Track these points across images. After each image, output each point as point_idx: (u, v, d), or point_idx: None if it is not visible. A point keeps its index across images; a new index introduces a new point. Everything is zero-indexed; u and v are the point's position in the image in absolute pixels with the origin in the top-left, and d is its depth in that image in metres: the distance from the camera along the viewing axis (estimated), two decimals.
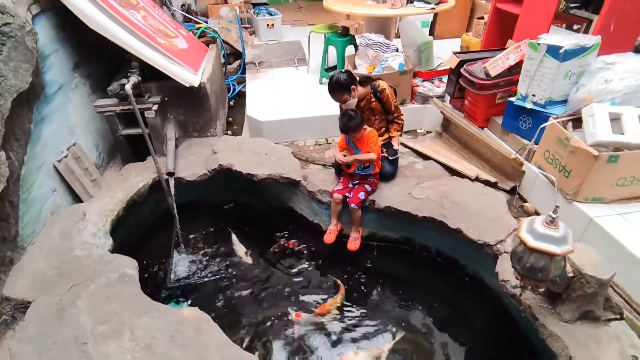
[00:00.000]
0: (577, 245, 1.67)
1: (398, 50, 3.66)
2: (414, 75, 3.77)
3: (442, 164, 3.09)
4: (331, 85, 2.65)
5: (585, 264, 1.73)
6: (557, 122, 2.51)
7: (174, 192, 2.97)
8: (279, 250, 3.00)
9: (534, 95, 2.75)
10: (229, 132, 4.06)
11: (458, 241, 2.56)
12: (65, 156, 2.66)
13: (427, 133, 3.81)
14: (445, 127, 3.62)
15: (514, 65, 2.96)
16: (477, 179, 2.86)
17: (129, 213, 2.83)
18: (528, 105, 2.78)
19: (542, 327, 1.86)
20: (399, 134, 2.96)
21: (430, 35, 4.93)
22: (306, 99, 4.03)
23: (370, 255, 2.94)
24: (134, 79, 2.83)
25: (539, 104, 2.73)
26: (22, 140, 2.30)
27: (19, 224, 2.23)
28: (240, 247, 3.02)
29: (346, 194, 2.74)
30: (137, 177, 2.98)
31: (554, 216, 1.54)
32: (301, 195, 3.09)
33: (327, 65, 4.33)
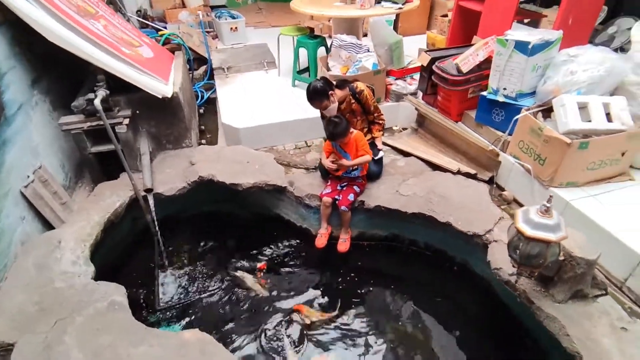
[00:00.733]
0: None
1: (369, 50, 3.71)
2: (387, 74, 3.83)
3: (423, 160, 3.16)
4: (309, 93, 2.66)
5: (573, 247, 1.84)
6: (529, 114, 2.64)
7: (154, 210, 2.83)
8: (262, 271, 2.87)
9: (504, 88, 2.88)
10: (202, 141, 3.93)
11: (446, 234, 2.64)
12: (31, 181, 2.46)
13: (402, 130, 3.89)
14: (420, 123, 3.72)
15: (484, 60, 3.09)
16: (458, 172, 2.96)
17: (106, 235, 2.66)
18: (500, 98, 2.91)
19: (538, 310, 1.96)
20: (381, 133, 3.01)
21: None
22: (281, 103, 3.98)
23: (361, 255, 2.96)
24: (102, 92, 2.66)
25: (510, 96, 2.87)
26: None
27: None
28: (247, 278, 2.79)
29: (335, 197, 2.74)
30: (112, 196, 2.80)
31: (548, 205, 1.62)
32: (287, 201, 3.05)
33: (299, 68, 4.31)
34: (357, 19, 4.18)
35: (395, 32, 3.99)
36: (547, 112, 2.72)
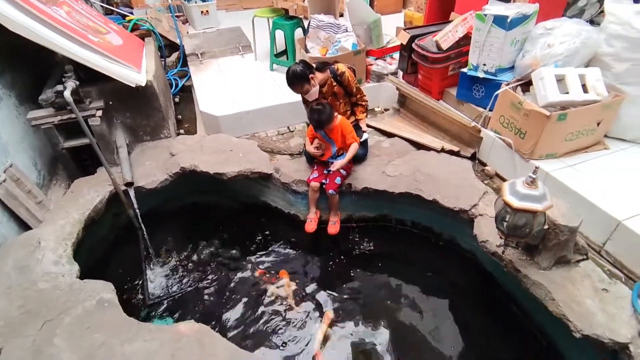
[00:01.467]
0: None
1: (348, 30, 3.65)
2: (367, 54, 3.79)
3: (407, 140, 3.18)
4: (289, 78, 2.62)
5: (557, 215, 1.90)
6: (509, 88, 2.68)
7: (136, 204, 2.74)
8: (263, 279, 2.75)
9: (484, 64, 2.90)
10: (181, 131, 3.81)
11: (433, 211, 2.69)
12: (3, 180, 2.33)
13: (385, 110, 3.89)
14: (402, 103, 3.72)
15: (463, 37, 3.09)
16: (442, 150, 2.99)
17: (87, 232, 2.57)
18: (480, 74, 2.94)
19: (525, 277, 2.03)
20: (365, 115, 2.99)
21: None
22: (260, 88, 3.89)
23: (350, 236, 2.98)
24: (71, 84, 2.52)
25: (490, 72, 2.90)
26: None
27: None
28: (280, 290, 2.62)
29: (323, 181, 2.73)
30: (90, 192, 2.70)
31: (534, 177, 1.66)
32: (274, 188, 3.02)
33: (277, 51, 4.20)
34: None
35: (372, 11, 3.92)
36: (525, 85, 2.76)
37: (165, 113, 3.28)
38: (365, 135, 2.96)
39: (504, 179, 2.92)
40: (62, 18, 2.74)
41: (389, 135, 3.34)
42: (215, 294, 2.64)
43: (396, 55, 3.84)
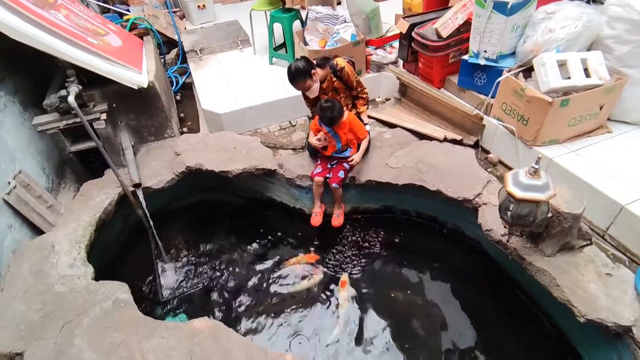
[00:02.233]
0: None
1: (346, 20, 3.62)
2: (366, 44, 3.77)
3: (409, 130, 3.18)
4: (291, 74, 2.62)
5: (560, 202, 1.92)
6: (510, 75, 2.67)
7: (145, 204, 2.79)
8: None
9: (485, 51, 2.88)
10: (184, 129, 3.83)
11: (437, 200, 2.71)
12: (13, 187, 2.38)
13: (386, 100, 3.88)
14: (403, 92, 3.71)
15: (463, 23, 3.06)
16: (445, 139, 3.00)
17: (99, 234, 2.63)
18: (481, 61, 2.92)
19: (529, 265, 2.06)
20: (366, 107, 3.00)
21: None
22: (261, 83, 3.89)
23: (355, 228, 3.02)
24: (75, 88, 2.54)
25: (491, 59, 2.88)
26: None
27: None
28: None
29: (326, 175, 2.76)
30: (99, 195, 2.74)
31: (536, 167, 1.68)
32: (279, 183, 3.05)
33: (275, 44, 4.18)
34: None
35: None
36: (527, 72, 2.75)
37: (168, 112, 3.30)
38: (367, 128, 2.97)
39: (507, 166, 2.93)
40: (62, 22, 2.74)
41: (391, 125, 3.35)
42: (225, 288, 2.71)
43: (396, 44, 3.81)
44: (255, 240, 3.00)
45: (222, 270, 2.82)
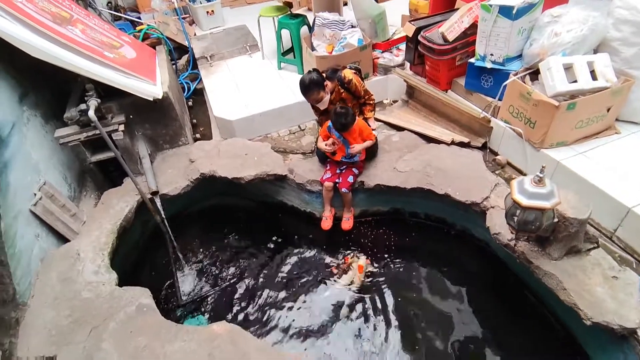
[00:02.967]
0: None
1: (353, 25, 3.66)
2: (373, 47, 3.81)
3: (416, 133, 3.23)
4: (305, 86, 2.68)
5: (566, 208, 1.96)
6: (517, 79, 2.69)
7: (162, 211, 2.90)
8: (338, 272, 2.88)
9: (492, 54, 2.91)
10: (197, 135, 3.93)
11: (445, 203, 2.76)
12: (39, 198, 2.50)
13: (393, 103, 3.92)
14: (410, 95, 3.75)
15: (469, 26, 3.09)
16: (452, 142, 3.04)
17: (120, 241, 2.75)
18: (488, 64, 2.94)
19: (537, 268, 2.11)
20: (373, 113, 3.06)
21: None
22: (270, 88, 3.96)
23: (365, 231, 3.09)
24: (94, 102, 2.65)
25: (498, 62, 2.90)
26: None
27: (13, 281, 2.12)
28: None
29: (336, 180, 2.83)
30: (119, 203, 2.86)
31: (541, 175, 1.73)
32: (289, 188, 3.13)
33: (283, 49, 4.25)
34: None
35: (376, 2, 3.91)
36: (534, 74, 2.77)
37: (182, 121, 3.41)
38: (374, 133, 3.02)
39: (515, 168, 2.96)
40: (79, 38, 2.85)
41: (399, 128, 3.39)
42: (241, 291, 2.80)
43: (402, 46, 3.84)
44: (268, 243, 3.09)
45: (237, 273, 2.92)
